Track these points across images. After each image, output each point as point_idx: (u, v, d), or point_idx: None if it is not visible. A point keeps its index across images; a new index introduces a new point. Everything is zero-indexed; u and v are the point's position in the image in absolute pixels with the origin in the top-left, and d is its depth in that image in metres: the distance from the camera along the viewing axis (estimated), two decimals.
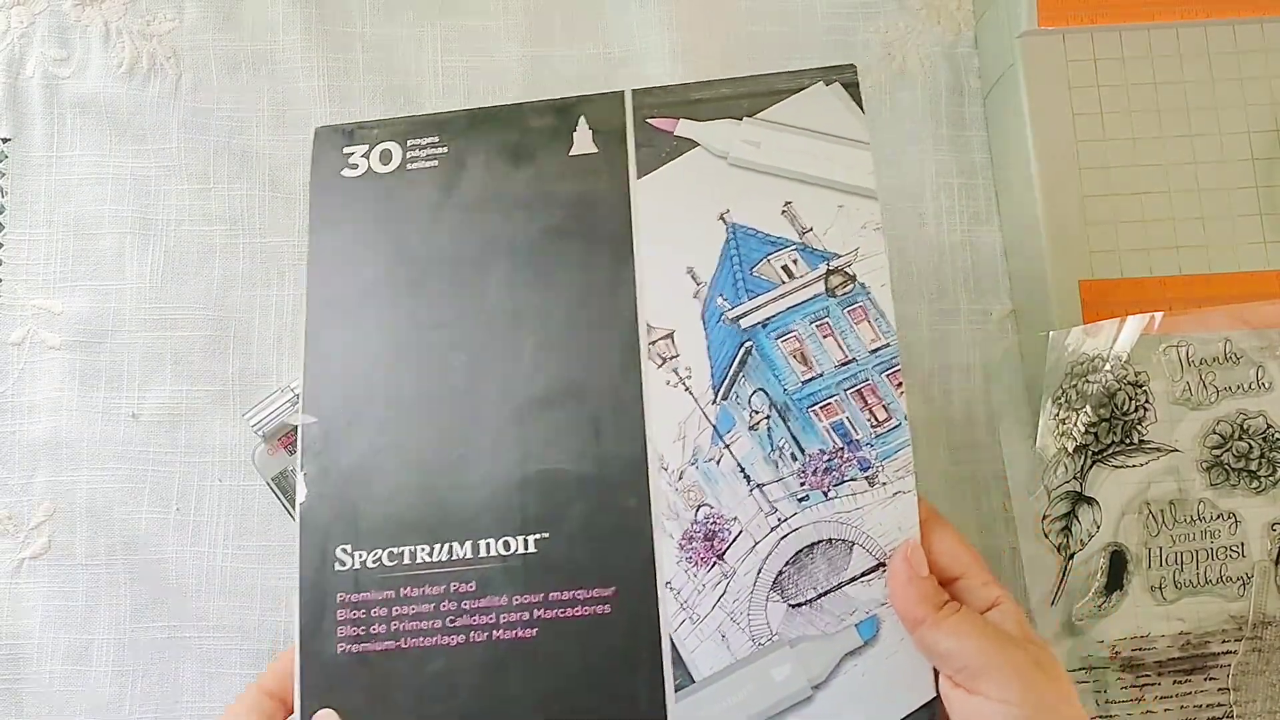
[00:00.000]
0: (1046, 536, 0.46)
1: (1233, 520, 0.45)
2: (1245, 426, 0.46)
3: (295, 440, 0.51)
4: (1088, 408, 0.45)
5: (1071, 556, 0.45)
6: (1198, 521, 0.45)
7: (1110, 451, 0.45)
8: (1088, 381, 0.46)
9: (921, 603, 0.36)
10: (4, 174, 0.55)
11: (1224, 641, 0.45)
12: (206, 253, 0.54)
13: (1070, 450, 0.46)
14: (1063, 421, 0.46)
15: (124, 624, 0.51)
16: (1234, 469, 0.45)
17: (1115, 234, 0.49)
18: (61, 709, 0.50)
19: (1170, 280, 0.49)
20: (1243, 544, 0.45)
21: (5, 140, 0.55)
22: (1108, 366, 0.45)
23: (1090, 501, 0.45)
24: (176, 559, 0.51)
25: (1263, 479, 0.46)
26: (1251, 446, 0.46)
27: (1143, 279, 0.49)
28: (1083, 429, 0.45)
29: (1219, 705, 0.44)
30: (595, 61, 0.56)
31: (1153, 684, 0.44)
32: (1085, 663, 0.45)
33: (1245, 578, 0.45)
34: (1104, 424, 0.45)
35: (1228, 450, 0.45)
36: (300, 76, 0.56)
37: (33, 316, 0.53)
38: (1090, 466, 0.45)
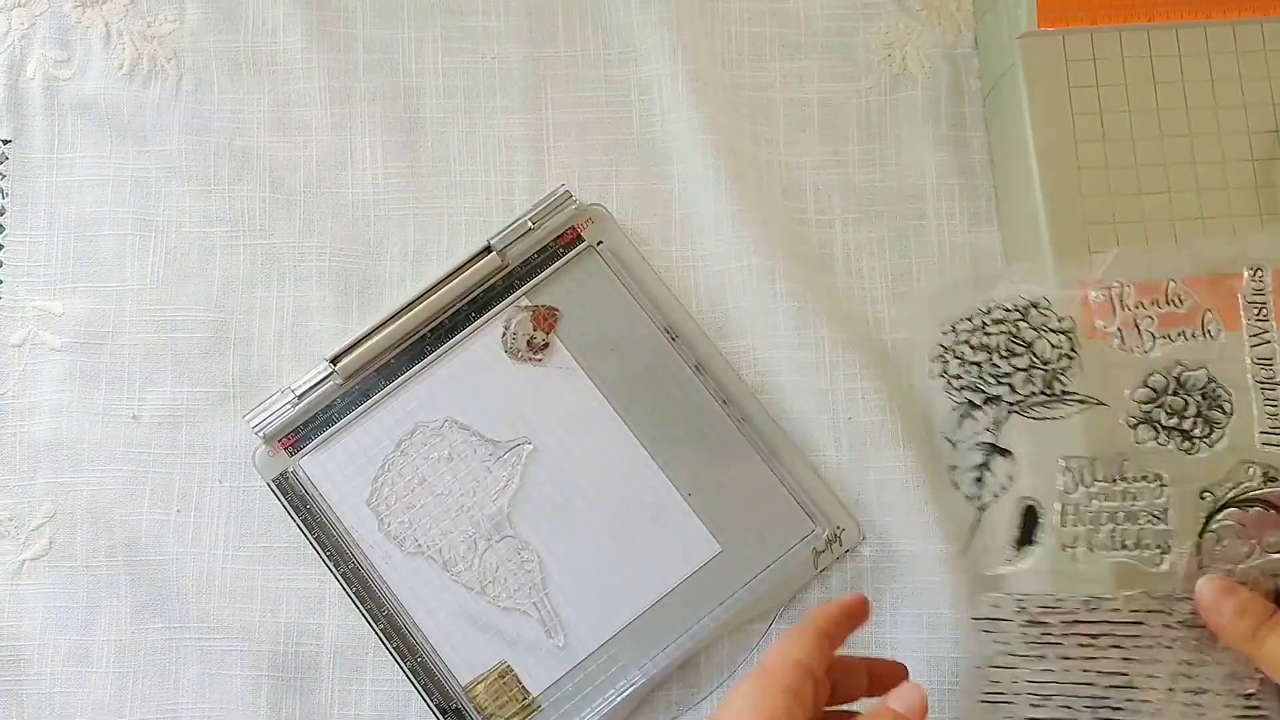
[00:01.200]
0: (957, 487, 0.44)
1: (1158, 483, 0.42)
2: (1182, 380, 0.42)
3: (295, 441, 0.51)
4: (994, 358, 0.43)
5: (984, 508, 0.44)
6: (1119, 481, 0.42)
7: (1029, 403, 0.43)
8: (986, 334, 0.43)
9: (1242, 618, 0.37)
10: (5, 175, 0.55)
11: (1134, 611, 0.41)
12: (207, 254, 0.54)
13: (981, 403, 0.44)
14: (956, 377, 0.44)
15: (125, 625, 0.51)
16: (1165, 427, 0.42)
17: (1115, 234, 0.49)
18: (62, 710, 0.50)
19: None
20: (1166, 509, 0.42)
21: (6, 142, 0.55)
22: (1018, 314, 0.43)
23: (1004, 453, 0.43)
24: (177, 560, 0.51)
25: (1196, 440, 0.41)
26: (1187, 403, 0.41)
27: None
28: (993, 380, 0.43)
29: (1122, 675, 0.41)
30: (596, 62, 0.56)
31: (1055, 643, 0.42)
32: (992, 613, 0.43)
33: (1164, 545, 0.41)
34: (1021, 374, 0.43)
35: (1159, 406, 0.42)
36: (301, 78, 0.56)
37: (34, 318, 0.53)
38: (1006, 418, 0.43)
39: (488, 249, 0.52)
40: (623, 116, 0.56)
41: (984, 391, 0.43)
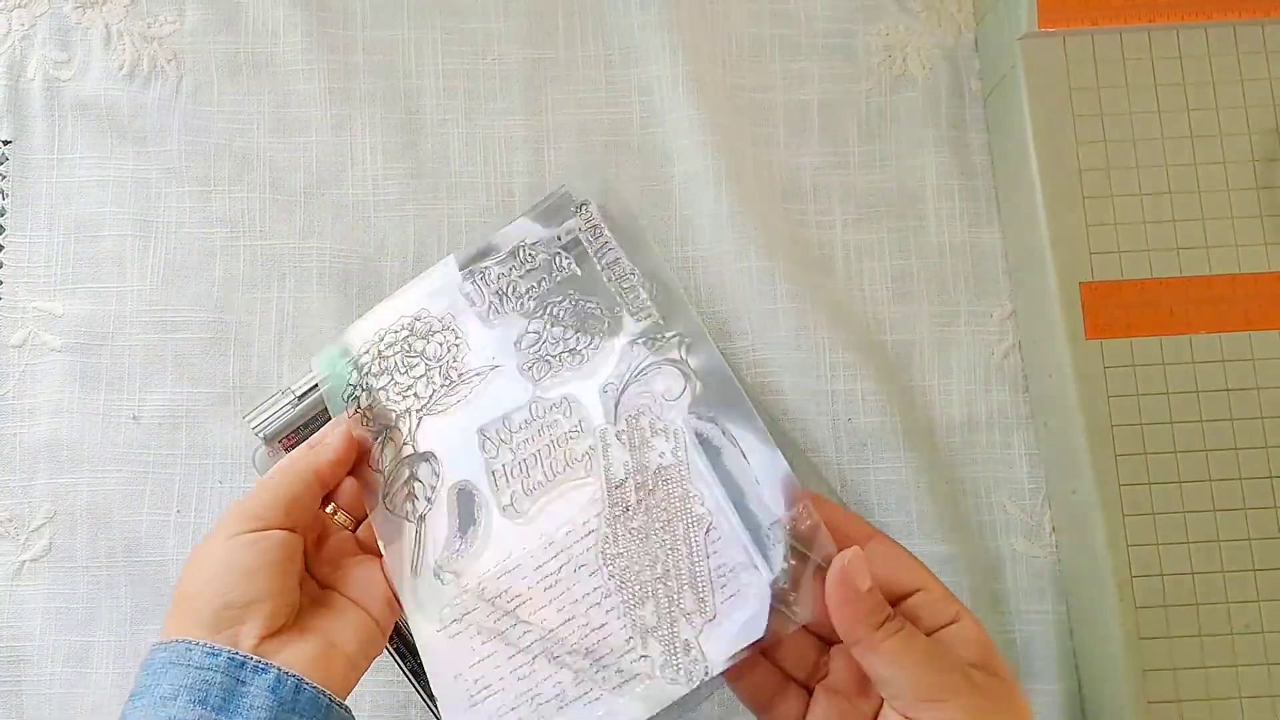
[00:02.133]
0: (392, 512, 0.44)
1: (567, 404, 0.44)
2: (554, 313, 0.45)
3: (295, 442, 0.51)
4: (395, 376, 0.45)
5: (423, 518, 0.44)
6: (534, 422, 0.44)
7: (434, 400, 0.44)
8: (383, 358, 0.45)
9: (859, 623, 0.35)
10: (5, 176, 0.55)
11: (585, 523, 0.42)
12: (207, 255, 0.54)
13: (394, 421, 0.44)
14: (369, 409, 0.45)
15: (124, 626, 0.51)
16: (555, 356, 0.45)
17: (1116, 235, 0.49)
18: (62, 710, 0.50)
19: (1171, 281, 0.49)
20: (581, 420, 0.44)
21: (6, 143, 0.55)
22: (406, 330, 0.45)
23: (426, 457, 0.44)
24: (177, 561, 0.51)
25: (583, 352, 0.44)
26: (566, 328, 0.45)
27: (1143, 280, 0.49)
28: (400, 396, 0.45)
29: (595, 588, 0.41)
30: (596, 63, 0.56)
31: (525, 600, 0.42)
32: (459, 613, 0.42)
33: (590, 451, 0.43)
34: (421, 380, 0.45)
35: (545, 343, 0.45)
36: (301, 79, 0.56)
37: (34, 318, 0.53)
38: (419, 425, 0.44)
39: None
40: (623, 117, 0.56)
41: (394, 410, 0.45)
